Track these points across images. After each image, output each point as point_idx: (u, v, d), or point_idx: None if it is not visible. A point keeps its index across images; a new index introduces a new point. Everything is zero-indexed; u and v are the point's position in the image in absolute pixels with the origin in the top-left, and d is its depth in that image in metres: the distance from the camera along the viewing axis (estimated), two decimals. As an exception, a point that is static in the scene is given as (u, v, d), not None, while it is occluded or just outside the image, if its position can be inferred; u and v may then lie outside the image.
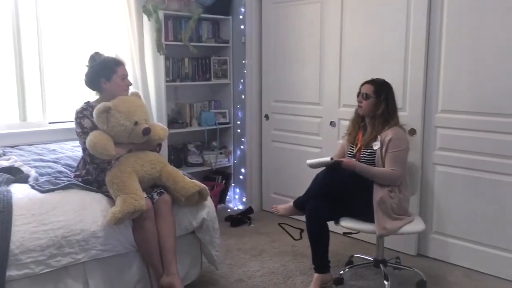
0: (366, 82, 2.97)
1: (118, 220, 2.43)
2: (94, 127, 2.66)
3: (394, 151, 2.82)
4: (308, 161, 2.96)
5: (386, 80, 2.97)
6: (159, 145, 2.93)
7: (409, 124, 3.28)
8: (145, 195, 2.62)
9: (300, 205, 3.00)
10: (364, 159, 2.91)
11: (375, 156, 2.87)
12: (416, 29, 3.26)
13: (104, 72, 2.75)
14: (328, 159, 2.86)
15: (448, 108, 3.22)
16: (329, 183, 2.85)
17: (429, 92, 3.29)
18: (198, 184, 2.80)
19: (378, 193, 2.78)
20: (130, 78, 2.92)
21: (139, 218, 2.54)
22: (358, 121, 3.04)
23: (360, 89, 2.98)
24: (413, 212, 3.03)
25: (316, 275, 2.89)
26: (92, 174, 2.72)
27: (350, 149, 3.04)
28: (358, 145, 2.97)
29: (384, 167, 2.83)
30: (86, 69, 2.81)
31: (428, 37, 3.23)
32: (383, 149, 2.84)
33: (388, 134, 2.85)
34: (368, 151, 2.90)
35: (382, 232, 2.76)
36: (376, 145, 2.86)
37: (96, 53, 2.85)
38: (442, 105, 3.25)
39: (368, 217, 2.81)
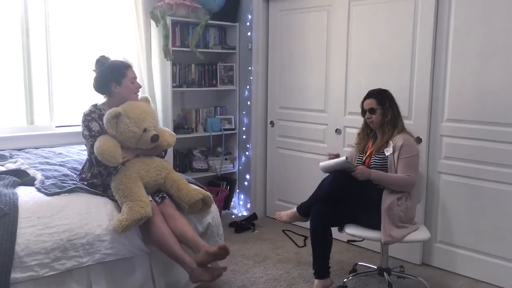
0: (365, 98, 2.97)
1: (125, 228, 2.44)
2: (102, 130, 2.67)
3: (408, 156, 2.81)
4: (321, 164, 2.93)
5: (381, 88, 2.98)
6: (164, 150, 2.93)
7: (414, 133, 3.27)
8: (150, 198, 2.63)
9: (303, 211, 2.99)
10: (374, 164, 2.90)
11: (386, 162, 2.86)
12: (423, 38, 3.27)
13: (114, 76, 2.74)
14: (343, 158, 2.82)
15: (454, 117, 3.22)
16: (336, 188, 2.85)
17: (435, 101, 3.29)
18: (202, 191, 2.79)
19: (387, 200, 2.78)
20: (137, 82, 2.94)
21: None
22: (367, 132, 3.04)
23: (362, 107, 2.97)
24: (418, 221, 3.02)
25: (316, 281, 2.86)
26: (99, 177, 2.72)
27: (359, 157, 3.04)
28: (368, 152, 2.97)
29: (396, 173, 2.83)
30: (94, 74, 2.80)
31: (434, 46, 3.24)
32: (395, 155, 2.83)
33: (399, 139, 2.84)
34: (380, 157, 2.89)
35: (388, 239, 2.75)
36: (388, 151, 2.85)
37: (103, 57, 2.83)
38: (448, 114, 3.24)
39: (373, 224, 2.80)
